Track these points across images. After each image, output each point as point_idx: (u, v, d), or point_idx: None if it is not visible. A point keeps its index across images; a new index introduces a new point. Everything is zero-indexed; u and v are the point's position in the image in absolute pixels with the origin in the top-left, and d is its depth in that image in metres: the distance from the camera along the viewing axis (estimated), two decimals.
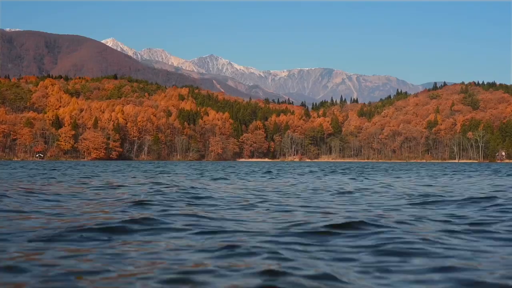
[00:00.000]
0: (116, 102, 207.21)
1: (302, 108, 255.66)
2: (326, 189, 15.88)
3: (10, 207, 9.26)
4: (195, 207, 9.72)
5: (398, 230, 6.63)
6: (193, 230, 6.64)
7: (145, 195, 12.29)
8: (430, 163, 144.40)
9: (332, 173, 34.11)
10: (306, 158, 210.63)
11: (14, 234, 6.28)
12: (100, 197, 11.96)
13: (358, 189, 16.14)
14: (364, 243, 5.79)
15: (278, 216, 8.48)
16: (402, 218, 8.05)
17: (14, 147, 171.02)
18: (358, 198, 12.38)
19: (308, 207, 9.92)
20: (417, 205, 10.62)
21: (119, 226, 6.69)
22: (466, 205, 10.36)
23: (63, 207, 9.57)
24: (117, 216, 7.93)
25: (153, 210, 8.93)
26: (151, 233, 6.50)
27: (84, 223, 7.08)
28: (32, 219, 7.73)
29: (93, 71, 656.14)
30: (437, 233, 6.57)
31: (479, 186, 18.30)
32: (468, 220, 7.97)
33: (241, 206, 10.07)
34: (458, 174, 34.85)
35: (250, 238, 6.08)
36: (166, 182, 18.83)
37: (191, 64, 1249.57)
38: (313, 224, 7.16)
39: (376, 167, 65.62)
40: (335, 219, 7.63)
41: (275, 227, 7.06)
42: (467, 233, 6.67)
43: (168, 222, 7.36)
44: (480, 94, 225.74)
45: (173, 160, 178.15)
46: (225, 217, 8.17)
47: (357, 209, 9.55)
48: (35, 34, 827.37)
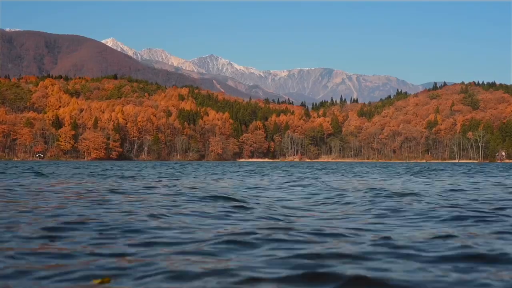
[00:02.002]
0: (116, 102, 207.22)
1: (302, 108, 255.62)
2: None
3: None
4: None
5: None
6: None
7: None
8: (451, 163, 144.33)
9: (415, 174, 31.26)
10: (306, 158, 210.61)
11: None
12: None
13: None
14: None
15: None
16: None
17: (14, 147, 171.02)
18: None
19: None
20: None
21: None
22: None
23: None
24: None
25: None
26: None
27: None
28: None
29: (93, 71, 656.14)
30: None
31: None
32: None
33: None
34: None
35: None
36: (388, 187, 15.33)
37: (191, 64, 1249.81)
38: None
39: (420, 167, 62.75)
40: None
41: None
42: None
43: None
44: (480, 94, 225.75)
45: (173, 160, 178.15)
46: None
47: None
48: (35, 34, 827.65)
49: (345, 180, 22.69)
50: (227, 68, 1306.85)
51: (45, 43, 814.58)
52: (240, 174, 30.61)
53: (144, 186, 15.57)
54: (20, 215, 7.68)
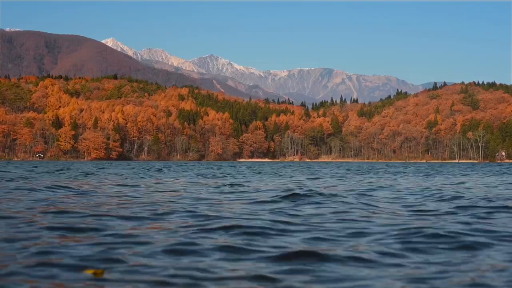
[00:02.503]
0: (116, 102, 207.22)
1: (302, 108, 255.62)
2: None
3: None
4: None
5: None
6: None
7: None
8: (451, 164, 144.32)
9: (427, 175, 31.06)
10: (306, 158, 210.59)
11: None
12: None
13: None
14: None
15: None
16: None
17: (14, 147, 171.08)
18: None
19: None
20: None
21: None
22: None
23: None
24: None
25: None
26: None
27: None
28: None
29: (93, 71, 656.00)
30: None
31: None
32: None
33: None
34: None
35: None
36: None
37: (191, 64, 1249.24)
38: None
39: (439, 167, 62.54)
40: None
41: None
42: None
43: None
44: (480, 94, 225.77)
45: (173, 160, 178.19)
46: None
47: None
48: (35, 34, 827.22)
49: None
50: (227, 68, 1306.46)
51: (45, 43, 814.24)
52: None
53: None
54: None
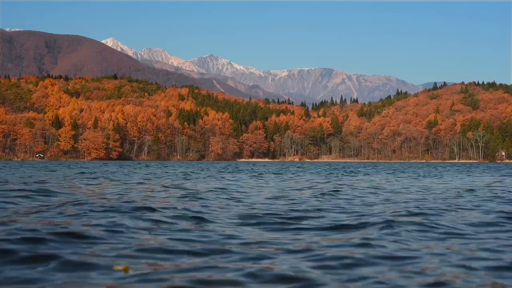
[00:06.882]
0: (116, 102, 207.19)
1: (302, 108, 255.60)
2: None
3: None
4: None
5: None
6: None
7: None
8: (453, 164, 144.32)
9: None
10: (306, 158, 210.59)
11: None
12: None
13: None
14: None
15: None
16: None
17: (14, 147, 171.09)
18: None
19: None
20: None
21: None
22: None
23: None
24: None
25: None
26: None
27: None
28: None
29: (93, 71, 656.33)
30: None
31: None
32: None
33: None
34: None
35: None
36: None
37: (191, 64, 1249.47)
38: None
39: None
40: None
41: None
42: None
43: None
44: (480, 94, 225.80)
45: (173, 160, 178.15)
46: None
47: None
48: (35, 34, 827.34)
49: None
50: (227, 68, 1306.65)
51: (45, 43, 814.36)
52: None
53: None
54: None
